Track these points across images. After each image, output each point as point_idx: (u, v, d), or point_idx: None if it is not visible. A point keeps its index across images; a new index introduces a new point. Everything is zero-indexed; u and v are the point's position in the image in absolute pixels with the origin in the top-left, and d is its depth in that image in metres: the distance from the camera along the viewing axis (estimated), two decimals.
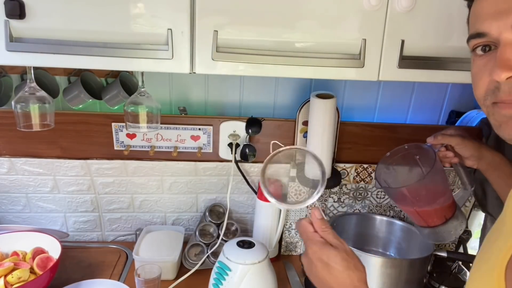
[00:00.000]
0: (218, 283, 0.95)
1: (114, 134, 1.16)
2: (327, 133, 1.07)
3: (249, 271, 0.93)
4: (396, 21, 0.75)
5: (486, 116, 0.56)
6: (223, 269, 0.94)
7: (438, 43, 0.77)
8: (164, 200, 1.27)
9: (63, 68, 1.13)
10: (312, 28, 0.75)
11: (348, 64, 0.77)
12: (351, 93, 1.24)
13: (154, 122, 1.04)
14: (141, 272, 0.98)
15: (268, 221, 1.20)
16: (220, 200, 1.29)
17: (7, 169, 1.18)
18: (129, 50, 0.73)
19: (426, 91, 1.25)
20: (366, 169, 1.23)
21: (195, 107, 1.23)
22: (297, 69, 0.77)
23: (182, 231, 1.24)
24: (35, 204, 1.24)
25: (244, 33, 0.75)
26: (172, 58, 0.74)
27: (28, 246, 1.05)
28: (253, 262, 0.94)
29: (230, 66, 0.76)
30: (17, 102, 0.94)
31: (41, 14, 0.70)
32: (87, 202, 1.25)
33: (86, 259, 1.18)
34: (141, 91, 1.01)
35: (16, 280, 0.93)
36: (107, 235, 1.31)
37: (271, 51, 0.76)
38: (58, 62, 0.73)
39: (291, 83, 1.22)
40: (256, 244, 0.99)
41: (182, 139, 1.18)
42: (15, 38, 0.71)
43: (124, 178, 1.22)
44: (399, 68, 0.78)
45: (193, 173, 1.23)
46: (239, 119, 1.17)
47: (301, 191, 1.22)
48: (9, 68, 1.12)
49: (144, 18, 0.72)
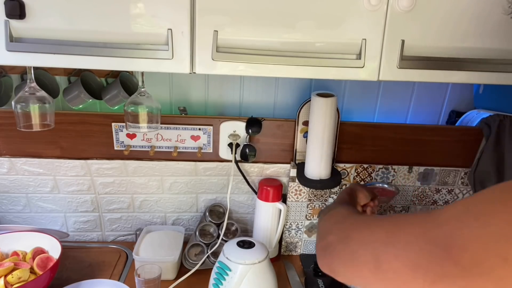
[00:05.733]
0: (218, 283, 0.95)
1: (114, 134, 1.16)
2: (327, 133, 1.07)
3: (249, 271, 0.93)
4: (396, 21, 0.75)
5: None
6: (223, 269, 0.94)
7: (438, 43, 0.77)
8: (164, 200, 1.27)
9: (63, 68, 1.13)
10: (312, 28, 0.75)
11: (348, 64, 0.77)
12: (351, 93, 1.24)
13: (154, 122, 1.04)
14: (141, 272, 0.98)
15: (268, 221, 1.20)
16: (220, 200, 1.29)
17: (7, 169, 1.18)
18: (129, 50, 0.73)
19: (426, 91, 1.25)
20: (366, 169, 1.23)
21: (195, 107, 1.23)
22: (297, 69, 0.77)
23: (182, 231, 1.24)
24: (35, 204, 1.24)
25: (244, 33, 0.75)
26: (172, 58, 0.74)
27: (28, 246, 1.05)
28: (253, 262, 0.94)
29: (230, 66, 0.76)
30: (17, 102, 0.94)
31: (41, 14, 0.70)
32: (87, 202, 1.25)
33: (86, 259, 1.18)
34: (141, 91, 1.01)
35: (16, 280, 0.93)
36: (107, 235, 1.31)
37: (271, 51, 0.76)
38: (58, 62, 0.73)
39: (291, 83, 1.22)
40: (256, 244, 0.99)
41: (182, 139, 1.18)
42: (15, 38, 0.71)
43: (124, 178, 1.22)
44: (399, 68, 0.78)
45: (193, 173, 1.23)
46: (239, 119, 1.17)
47: (301, 191, 1.22)
48: (9, 68, 1.12)
49: (144, 18, 0.72)
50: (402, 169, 1.24)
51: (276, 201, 1.19)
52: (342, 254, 0.54)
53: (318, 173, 1.11)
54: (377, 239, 0.48)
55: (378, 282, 0.46)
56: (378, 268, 0.46)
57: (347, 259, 0.53)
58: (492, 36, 0.77)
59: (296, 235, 1.27)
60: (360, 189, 0.89)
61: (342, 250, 0.54)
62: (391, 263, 0.44)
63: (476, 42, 0.77)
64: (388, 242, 0.46)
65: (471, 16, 0.76)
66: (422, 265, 0.40)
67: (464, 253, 0.36)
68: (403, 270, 0.42)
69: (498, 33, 0.77)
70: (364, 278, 0.49)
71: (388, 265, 0.44)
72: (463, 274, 0.36)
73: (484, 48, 0.78)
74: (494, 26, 0.76)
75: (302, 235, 1.28)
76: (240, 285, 0.93)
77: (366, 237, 0.50)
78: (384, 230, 0.48)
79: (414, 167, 1.24)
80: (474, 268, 0.36)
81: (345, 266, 0.53)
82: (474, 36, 0.77)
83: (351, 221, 0.60)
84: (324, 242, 0.59)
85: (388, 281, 0.45)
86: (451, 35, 0.77)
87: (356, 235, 0.53)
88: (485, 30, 0.77)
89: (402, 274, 0.43)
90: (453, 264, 0.37)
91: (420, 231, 0.42)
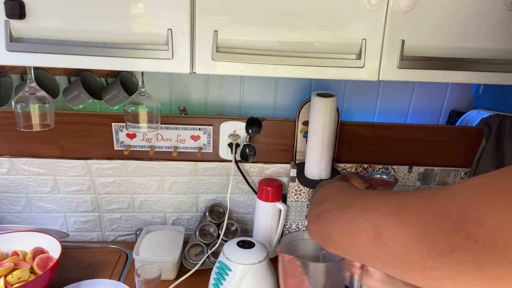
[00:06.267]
0: (218, 283, 0.95)
1: (114, 134, 1.16)
2: (327, 133, 1.07)
3: (249, 271, 0.93)
4: (396, 21, 0.75)
5: None
6: (223, 269, 0.94)
7: (438, 43, 0.77)
8: (164, 200, 1.27)
9: (63, 68, 1.13)
10: (312, 28, 0.75)
11: (348, 64, 0.77)
12: (351, 93, 1.24)
13: (154, 122, 1.04)
14: (141, 272, 0.99)
15: (268, 221, 1.20)
16: (220, 200, 1.29)
17: (7, 169, 1.18)
18: (129, 50, 0.73)
19: (426, 91, 1.25)
20: (366, 169, 1.23)
21: (195, 107, 1.23)
22: (297, 69, 0.77)
23: (182, 231, 1.24)
24: (35, 204, 1.24)
25: (244, 33, 0.75)
26: (172, 58, 0.74)
27: (28, 246, 1.05)
28: (253, 262, 0.94)
29: (230, 66, 0.76)
30: (17, 102, 0.94)
31: (41, 14, 0.70)
32: (87, 202, 1.25)
33: (86, 259, 1.18)
34: (141, 91, 1.01)
35: (16, 280, 0.93)
36: (107, 235, 1.31)
37: (271, 51, 0.75)
38: (58, 62, 0.73)
39: (291, 83, 1.22)
40: (256, 244, 0.99)
41: (182, 139, 1.18)
42: (15, 38, 0.71)
43: (124, 178, 1.22)
44: (399, 68, 0.77)
45: (193, 173, 1.23)
46: (239, 119, 1.17)
47: (301, 191, 1.22)
48: (9, 68, 1.12)
49: (144, 18, 0.72)
50: (402, 169, 1.24)
51: (276, 201, 1.19)
52: (339, 221, 0.50)
53: (318, 173, 1.11)
54: (379, 208, 0.44)
55: (375, 252, 0.43)
56: (379, 237, 0.42)
57: (343, 225, 0.49)
58: (492, 36, 0.77)
59: None
60: (354, 177, 0.86)
61: (338, 217, 0.50)
62: (394, 232, 0.41)
63: (476, 42, 0.77)
64: (392, 212, 0.42)
65: (471, 16, 0.76)
66: (430, 236, 0.37)
67: (479, 227, 0.34)
68: (406, 240, 0.39)
69: (498, 33, 0.77)
70: (360, 248, 0.45)
71: (390, 234, 0.41)
72: (474, 247, 0.34)
73: (484, 48, 0.78)
74: (494, 26, 0.76)
75: None
76: (240, 285, 0.93)
77: (367, 206, 0.47)
78: (388, 200, 0.44)
79: (414, 167, 1.24)
80: (488, 242, 0.33)
81: (340, 234, 0.49)
82: (474, 36, 0.77)
83: (351, 191, 0.56)
84: (319, 209, 0.55)
85: (387, 251, 0.41)
86: (451, 35, 0.77)
87: (357, 203, 0.49)
88: (485, 30, 0.77)
89: (405, 244, 0.39)
90: (465, 237, 0.35)
91: (428, 204, 0.39)
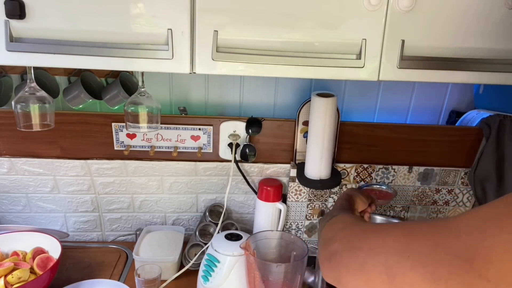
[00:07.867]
0: (207, 275, 0.98)
1: (114, 134, 1.16)
2: (327, 133, 1.07)
3: (237, 262, 0.96)
4: (396, 21, 0.75)
5: None
6: (212, 261, 0.97)
7: (438, 43, 0.77)
8: (164, 200, 1.27)
9: (63, 68, 1.13)
10: (312, 28, 0.75)
11: (348, 64, 0.77)
12: (351, 93, 1.24)
13: (154, 122, 1.04)
14: (141, 272, 0.99)
15: (268, 221, 1.20)
16: (220, 200, 1.28)
17: (7, 169, 1.18)
18: (129, 50, 0.73)
19: (426, 91, 1.25)
20: (366, 169, 1.23)
21: (195, 107, 1.23)
22: (297, 69, 0.77)
23: (182, 231, 1.24)
24: (35, 204, 1.24)
25: (244, 33, 0.75)
26: (172, 58, 0.74)
27: (28, 246, 1.05)
28: (240, 254, 0.97)
29: (230, 66, 0.76)
30: (17, 102, 0.94)
31: (41, 14, 0.70)
32: (87, 202, 1.25)
33: (86, 259, 1.18)
34: (141, 91, 1.01)
35: (16, 280, 0.93)
36: (107, 235, 1.31)
37: (271, 51, 0.75)
38: (58, 62, 0.73)
39: (291, 83, 1.22)
40: (243, 236, 1.03)
41: (182, 139, 1.18)
42: (15, 38, 0.71)
43: (124, 178, 1.22)
44: (399, 68, 0.77)
45: (193, 173, 1.23)
46: (239, 119, 1.17)
47: (301, 191, 1.22)
48: (9, 68, 1.12)
49: (144, 18, 0.72)
50: (402, 169, 1.24)
51: (276, 201, 1.19)
52: (351, 265, 0.51)
53: (318, 173, 1.11)
54: (388, 250, 0.45)
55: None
56: (392, 280, 0.43)
57: (356, 269, 0.50)
58: (492, 36, 0.77)
59: (296, 235, 1.27)
60: (357, 195, 0.87)
61: (350, 261, 0.51)
62: (407, 276, 0.42)
63: (476, 42, 0.77)
64: (401, 253, 0.43)
65: (471, 16, 0.76)
66: (443, 277, 0.38)
67: (489, 265, 0.35)
68: (420, 282, 0.40)
69: (499, 33, 0.77)
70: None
71: (403, 278, 0.42)
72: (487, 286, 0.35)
73: (484, 48, 0.78)
74: (494, 26, 0.76)
75: (302, 235, 1.28)
76: (229, 276, 0.96)
77: (375, 247, 0.48)
78: (395, 239, 0.45)
79: (414, 167, 1.24)
80: (500, 282, 0.34)
81: (354, 278, 0.50)
82: (474, 36, 0.77)
83: (357, 229, 0.56)
84: (329, 251, 0.56)
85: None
86: (451, 35, 0.77)
87: (365, 244, 0.50)
88: (485, 30, 0.77)
89: (419, 287, 0.40)
90: (477, 277, 0.35)
91: (436, 242, 0.40)
